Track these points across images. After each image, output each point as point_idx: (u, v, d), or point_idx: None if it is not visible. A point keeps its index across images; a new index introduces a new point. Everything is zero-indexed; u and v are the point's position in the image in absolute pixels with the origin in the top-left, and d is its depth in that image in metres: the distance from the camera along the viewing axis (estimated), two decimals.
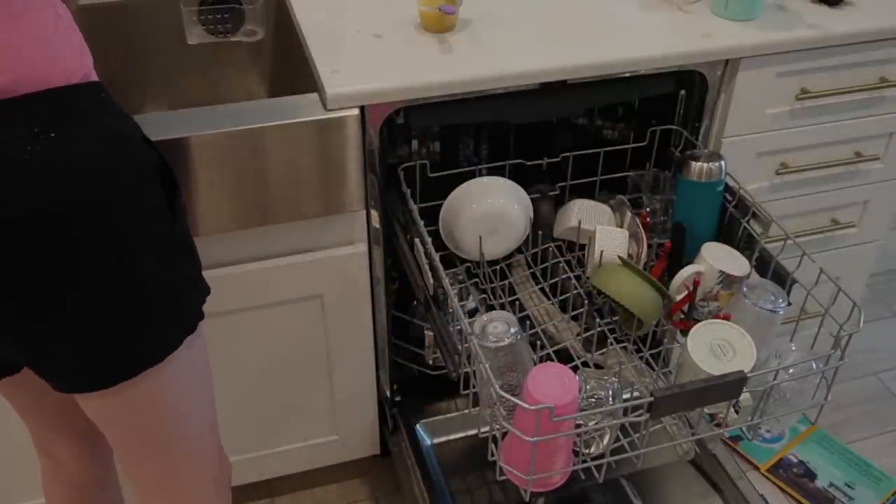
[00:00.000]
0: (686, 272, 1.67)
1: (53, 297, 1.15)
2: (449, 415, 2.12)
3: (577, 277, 1.89)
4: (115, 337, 1.21)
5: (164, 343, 1.26)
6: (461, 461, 2.04)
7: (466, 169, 1.91)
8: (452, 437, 2.10)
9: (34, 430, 1.57)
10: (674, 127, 1.96)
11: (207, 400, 1.44)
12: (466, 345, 1.48)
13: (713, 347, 1.48)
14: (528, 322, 1.89)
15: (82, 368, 1.23)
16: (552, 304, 1.93)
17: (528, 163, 1.97)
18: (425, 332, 2.03)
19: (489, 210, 1.83)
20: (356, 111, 1.63)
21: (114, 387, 1.24)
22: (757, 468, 2.33)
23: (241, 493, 2.16)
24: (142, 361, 1.25)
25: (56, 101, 1.12)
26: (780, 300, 1.55)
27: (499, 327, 1.49)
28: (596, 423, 1.50)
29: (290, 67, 1.89)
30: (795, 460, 2.34)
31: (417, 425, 2.10)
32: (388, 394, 2.09)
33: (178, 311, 1.28)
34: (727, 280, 1.64)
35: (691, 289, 1.65)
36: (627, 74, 1.79)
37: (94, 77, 1.19)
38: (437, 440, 2.09)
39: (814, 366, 1.48)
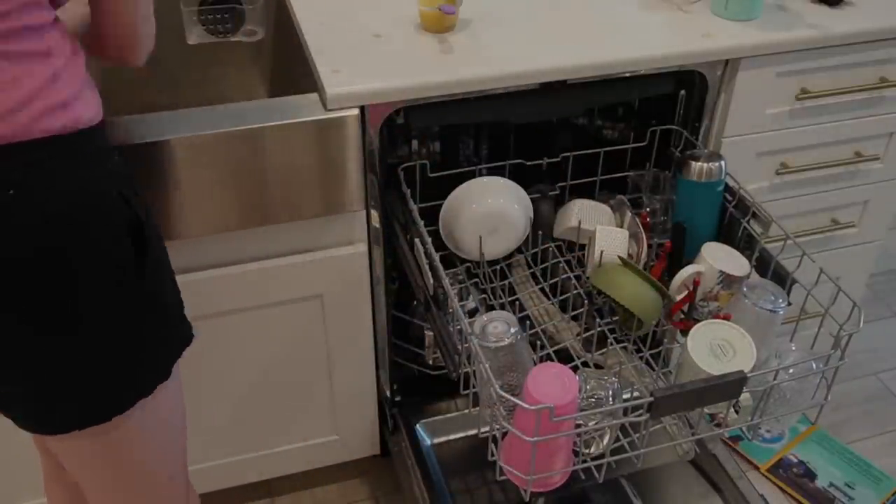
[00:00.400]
0: (686, 272, 1.67)
1: (10, 349, 1.17)
2: (449, 415, 2.12)
3: (577, 277, 1.89)
4: (68, 390, 1.23)
5: (112, 403, 1.28)
6: (461, 461, 2.04)
7: (466, 169, 1.92)
8: (452, 437, 2.10)
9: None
10: (674, 127, 1.96)
11: (178, 440, 1.46)
12: (466, 345, 1.48)
13: (713, 347, 1.48)
14: (528, 322, 1.89)
15: (40, 415, 1.26)
16: (552, 304, 1.93)
17: (528, 163, 1.97)
18: (425, 332, 2.03)
19: (489, 210, 1.83)
20: (356, 111, 1.63)
21: (68, 433, 1.27)
22: (757, 468, 2.33)
23: (241, 493, 2.16)
24: (90, 417, 1.27)
25: (16, 157, 1.11)
26: (780, 300, 1.55)
27: (499, 327, 1.49)
28: (596, 423, 1.50)
29: (290, 67, 1.89)
30: (795, 460, 2.34)
31: (417, 425, 2.10)
32: (388, 394, 2.09)
33: (134, 371, 1.29)
34: (727, 280, 1.64)
35: (691, 289, 1.65)
36: (627, 74, 1.79)
37: (79, 124, 1.17)
38: (437, 440, 2.09)
39: (814, 366, 1.48)
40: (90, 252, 1.17)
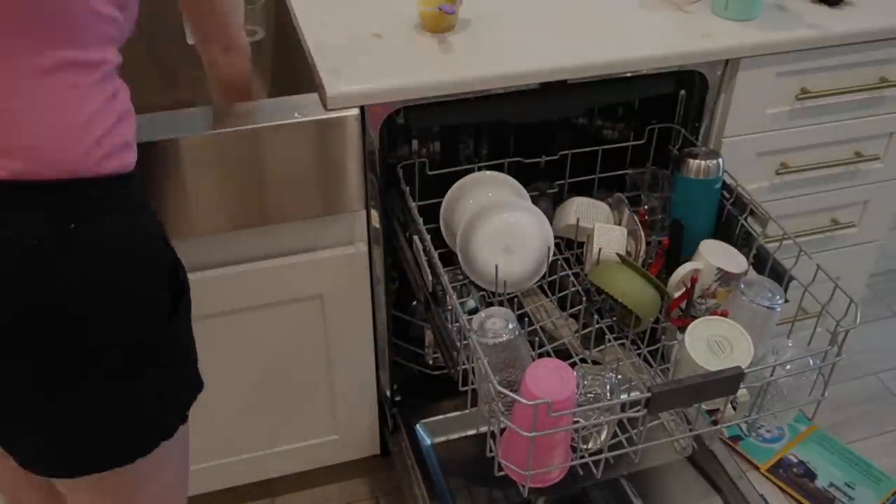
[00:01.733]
0: (684, 269, 1.67)
1: (34, 390, 1.16)
2: (449, 415, 2.12)
3: (576, 275, 1.90)
4: (100, 429, 1.22)
5: (138, 445, 1.28)
6: (461, 461, 2.05)
7: (465, 167, 1.92)
8: (452, 436, 2.10)
9: (1, 479, 1.55)
10: (672, 125, 1.96)
11: (182, 483, 1.46)
12: (465, 341, 1.48)
13: (711, 344, 1.48)
14: (526, 319, 1.89)
15: (54, 458, 1.25)
16: (551, 301, 1.93)
17: (527, 160, 1.98)
18: (425, 331, 2.04)
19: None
20: (356, 111, 1.63)
21: (81, 477, 1.27)
22: (757, 468, 2.33)
23: (241, 493, 2.17)
24: (114, 459, 1.26)
25: (82, 191, 1.12)
26: (778, 297, 1.56)
27: (497, 323, 1.49)
28: (594, 419, 1.50)
29: (290, 67, 1.89)
30: (795, 460, 2.34)
31: (417, 425, 2.10)
32: (388, 394, 2.09)
33: (163, 412, 1.30)
34: (725, 277, 1.64)
35: (689, 286, 1.65)
36: (627, 74, 1.80)
37: (131, 166, 1.20)
38: (437, 440, 2.09)
39: (811, 362, 1.49)
40: (142, 289, 1.18)
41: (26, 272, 1.09)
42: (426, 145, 2.06)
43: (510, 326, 1.50)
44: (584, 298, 1.81)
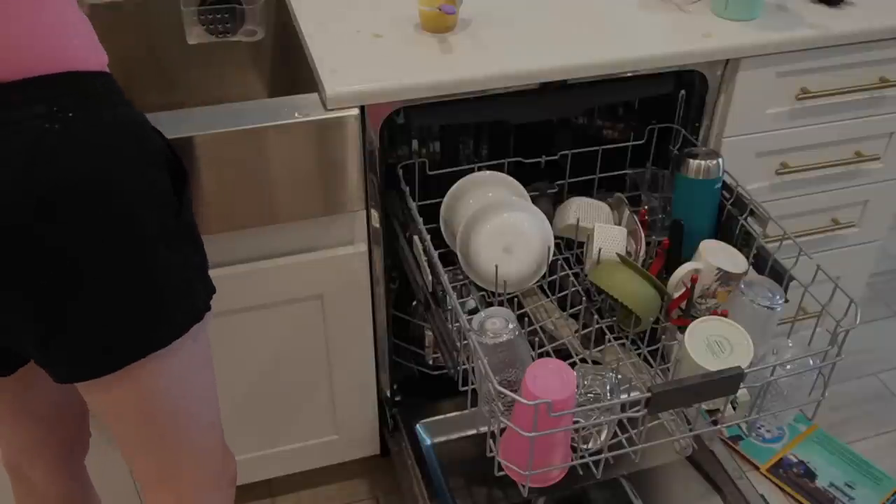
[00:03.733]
0: (684, 269, 1.67)
1: (63, 283, 1.15)
2: (449, 415, 2.12)
3: (576, 275, 1.90)
4: (121, 320, 1.20)
5: (171, 329, 1.26)
6: (461, 461, 2.05)
7: (465, 167, 1.92)
8: (452, 436, 2.10)
9: (7, 451, 1.55)
10: (672, 125, 1.96)
11: (210, 396, 1.43)
12: (465, 341, 1.48)
13: (710, 344, 1.48)
14: (526, 319, 1.89)
15: (87, 354, 1.22)
16: (551, 301, 1.93)
17: (527, 160, 1.97)
18: (425, 331, 2.04)
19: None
20: (356, 111, 1.63)
21: (116, 373, 1.23)
22: (757, 468, 2.33)
23: (242, 493, 2.16)
24: (147, 345, 1.24)
25: (75, 83, 1.14)
26: (778, 297, 1.56)
27: (497, 323, 1.49)
28: (594, 419, 1.50)
29: (290, 67, 1.89)
30: (795, 460, 2.34)
31: (417, 425, 2.10)
32: (388, 394, 2.09)
33: (187, 297, 1.28)
34: (725, 277, 1.64)
35: (689, 286, 1.65)
36: (627, 74, 1.80)
37: (106, 66, 1.22)
38: (437, 440, 2.09)
39: (811, 362, 1.49)
40: (138, 177, 1.18)
41: (35, 163, 1.09)
42: (426, 145, 2.07)
43: (510, 326, 1.49)
44: (584, 298, 1.80)
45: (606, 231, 1.78)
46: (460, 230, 1.77)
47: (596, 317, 1.80)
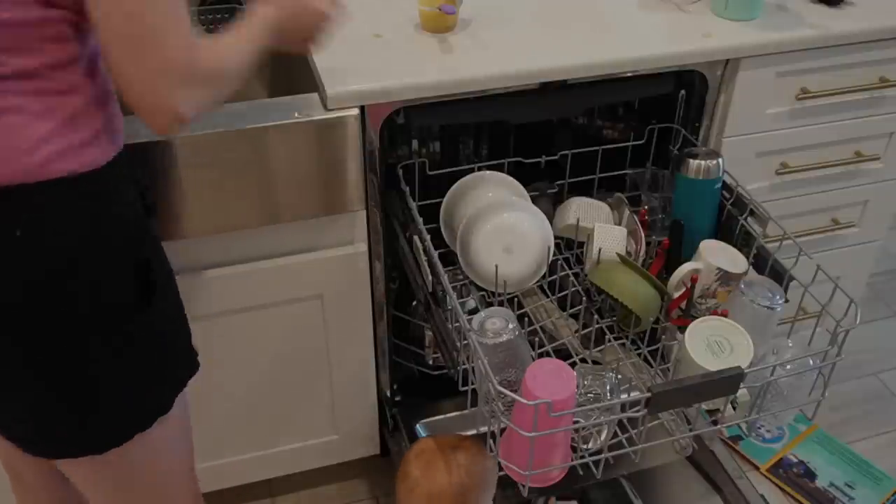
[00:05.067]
0: (684, 269, 1.67)
1: (13, 378, 1.19)
2: (449, 415, 2.12)
3: (576, 275, 1.90)
4: (63, 419, 1.24)
5: (106, 436, 1.28)
6: None
7: (465, 167, 1.92)
8: None
9: (2, 452, 1.57)
10: (672, 125, 1.96)
11: (179, 469, 1.47)
12: (465, 341, 1.48)
13: (711, 344, 1.48)
14: (526, 319, 1.89)
15: (39, 441, 1.28)
16: (551, 301, 1.93)
17: (527, 160, 1.97)
18: (425, 331, 2.04)
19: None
20: (356, 111, 1.63)
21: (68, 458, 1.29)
22: (757, 468, 2.33)
23: (241, 493, 2.16)
24: (82, 446, 1.28)
25: (25, 197, 1.10)
26: (778, 297, 1.56)
27: (497, 323, 1.49)
28: (594, 419, 1.50)
29: (290, 67, 1.89)
30: (795, 460, 2.34)
31: (417, 425, 2.10)
32: (388, 394, 2.09)
33: (133, 407, 1.29)
34: (725, 277, 1.64)
35: (689, 286, 1.65)
36: (627, 74, 1.80)
37: (92, 165, 1.15)
38: None
39: (811, 362, 1.49)
40: (93, 292, 1.17)
41: None
42: (426, 145, 2.06)
43: (510, 326, 1.49)
44: (584, 298, 1.80)
45: (606, 231, 1.78)
46: (460, 230, 1.77)
47: (596, 317, 1.80)
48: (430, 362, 2.09)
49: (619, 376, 1.66)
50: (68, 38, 1.11)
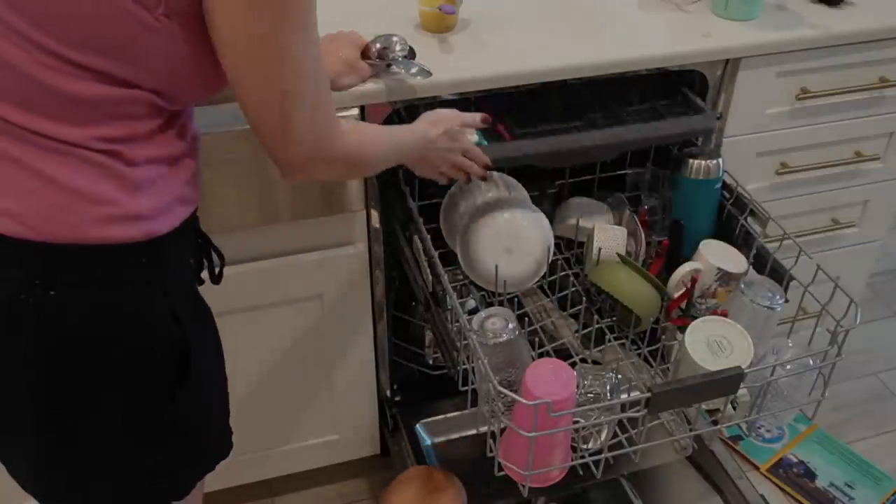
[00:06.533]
0: (684, 269, 1.67)
1: (18, 431, 1.17)
2: (449, 415, 2.12)
3: (576, 275, 1.89)
4: (63, 485, 1.21)
5: None
6: (461, 461, 2.04)
7: None
8: (452, 436, 2.10)
9: None
10: None
11: None
12: (465, 341, 1.48)
13: (711, 344, 1.48)
14: (526, 319, 1.89)
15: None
16: (551, 301, 1.93)
17: None
18: (425, 331, 2.04)
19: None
20: (356, 111, 1.63)
21: None
22: (757, 468, 2.33)
23: (242, 493, 2.16)
24: None
25: (65, 257, 1.05)
26: (778, 297, 1.56)
27: (497, 323, 1.49)
28: (594, 419, 1.50)
29: None
30: (795, 460, 2.34)
31: (417, 425, 2.10)
32: (388, 394, 2.09)
33: (149, 492, 1.27)
34: (725, 277, 1.64)
35: (689, 286, 1.65)
36: (628, 74, 1.80)
37: (137, 238, 1.09)
38: (437, 440, 2.10)
39: (811, 362, 1.49)
40: (121, 371, 1.12)
41: (7, 322, 1.07)
42: None
43: (510, 326, 1.49)
44: (584, 298, 1.80)
45: (606, 231, 1.78)
46: (460, 230, 1.77)
47: (596, 317, 1.80)
48: (430, 362, 2.09)
49: (619, 376, 1.66)
50: (146, 116, 1.09)
